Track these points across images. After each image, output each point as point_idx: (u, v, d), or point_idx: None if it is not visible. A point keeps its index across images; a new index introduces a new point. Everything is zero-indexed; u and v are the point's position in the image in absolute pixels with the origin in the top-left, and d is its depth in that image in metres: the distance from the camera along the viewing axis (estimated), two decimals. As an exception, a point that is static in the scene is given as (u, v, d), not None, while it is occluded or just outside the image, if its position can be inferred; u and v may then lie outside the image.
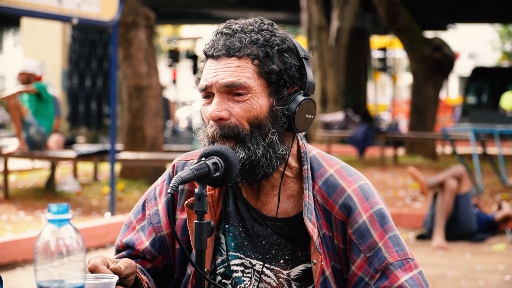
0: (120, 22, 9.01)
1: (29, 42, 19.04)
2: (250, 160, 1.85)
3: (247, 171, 1.86)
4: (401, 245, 1.89)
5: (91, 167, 11.40)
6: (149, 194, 2.07)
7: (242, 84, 1.85)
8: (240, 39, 1.87)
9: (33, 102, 9.33)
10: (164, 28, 37.17)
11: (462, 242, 7.40)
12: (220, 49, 1.87)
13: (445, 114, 27.58)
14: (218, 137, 1.86)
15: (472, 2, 21.86)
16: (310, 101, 1.91)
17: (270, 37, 1.88)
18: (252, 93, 1.85)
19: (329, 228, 1.91)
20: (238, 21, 1.93)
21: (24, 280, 5.73)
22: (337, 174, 1.94)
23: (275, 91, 1.88)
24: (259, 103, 1.86)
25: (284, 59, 1.88)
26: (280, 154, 1.89)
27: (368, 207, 1.89)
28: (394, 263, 1.86)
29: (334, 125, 15.07)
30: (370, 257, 1.87)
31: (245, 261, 1.95)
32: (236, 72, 1.85)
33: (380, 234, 1.88)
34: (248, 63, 1.86)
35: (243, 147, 1.85)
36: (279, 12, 21.79)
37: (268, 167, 1.87)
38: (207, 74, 1.88)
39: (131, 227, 2.06)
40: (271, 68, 1.86)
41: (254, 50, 1.86)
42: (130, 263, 1.81)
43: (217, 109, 1.85)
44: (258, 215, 1.94)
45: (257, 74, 1.86)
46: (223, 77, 1.85)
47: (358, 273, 1.88)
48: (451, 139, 10.89)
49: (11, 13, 7.48)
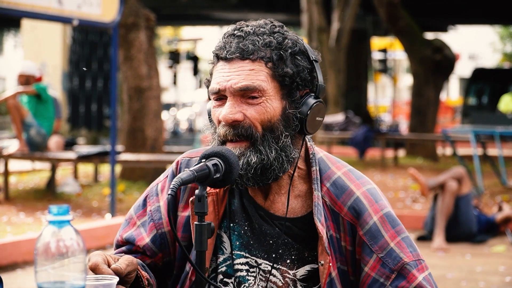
0: (120, 23, 9.01)
1: (29, 44, 19.05)
2: (262, 164, 1.85)
3: (259, 175, 1.86)
4: (414, 246, 1.91)
5: (92, 169, 11.40)
6: (151, 190, 2.06)
7: (256, 87, 1.85)
8: (253, 42, 1.86)
9: (33, 103, 9.33)
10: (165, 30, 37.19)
11: (463, 243, 7.40)
12: (233, 52, 1.86)
13: (446, 116, 27.58)
14: (231, 135, 1.86)
15: (473, 4, 21.86)
16: (321, 103, 1.92)
17: (282, 40, 1.88)
18: (266, 96, 1.86)
19: (337, 229, 1.91)
20: (249, 23, 1.93)
21: (24, 281, 5.73)
22: (345, 177, 1.95)
23: (288, 94, 1.88)
24: (272, 106, 1.86)
25: (297, 62, 1.88)
26: (292, 158, 1.89)
27: (378, 208, 1.90)
28: (410, 263, 1.87)
29: (334, 126, 15.07)
30: (383, 258, 1.87)
31: (250, 260, 1.95)
32: (250, 75, 1.85)
33: (392, 235, 1.89)
34: (262, 66, 1.86)
35: (254, 151, 1.85)
36: (279, 13, 21.78)
37: (280, 170, 1.88)
38: (220, 77, 1.88)
39: (132, 223, 2.05)
40: (285, 71, 1.86)
41: (267, 53, 1.86)
42: (131, 260, 1.80)
43: (231, 112, 1.85)
44: (266, 214, 1.95)
45: (271, 77, 1.86)
46: (237, 81, 1.85)
47: (371, 274, 1.88)
48: (451, 140, 10.89)
49: (12, 15, 7.48)
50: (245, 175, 1.85)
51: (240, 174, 1.85)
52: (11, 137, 12.90)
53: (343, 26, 16.86)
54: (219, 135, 1.88)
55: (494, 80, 22.43)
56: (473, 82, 22.48)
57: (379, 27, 20.91)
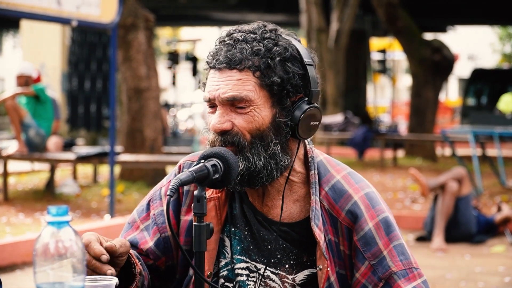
0: (119, 24, 9.01)
1: (28, 44, 19.05)
2: (249, 171, 1.85)
3: (246, 181, 1.87)
4: (406, 254, 1.89)
5: (91, 169, 11.40)
6: (154, 193, 2.05)
7: (243, 97, 1.84)
8: (242, 50, 1.85)
9: (31, 104, 9.33)
10: (164, 30, 37.19)
11: (462, 244, 7.40)
12: (221, 61, 1.86)
13: (445, 116, 27.58)
14: (217, 142, 1.86)
15: (472, 4, 21.87)
16: (315, 108, 1.90)
17: (272, 46, 1.86)
18: (254, 105, 1.85)
19: (335, 233, 1.91)
20: (241, 28, 1.91)
21: (23, 282, 5.73)
22: (344, 181, 1.94)
23: (278, 102, 1.87)
24: (261, 115, 1.85)
25: (287, 68, 1.86)
26: (281, 166, 1.89)
27: (375, 214, 1.89)
28: (398, 272, 1.86)
29: (333, 127, 15.08)
30: (374, 265, 1.87)
31: (250, 265, 1.95)
32: (237, 85, 1.85)
33: (385, 242, 1.88)
34: (249, 76, 1.85)
35: (242, 157, 1.85)
36: (278, 14, 21.79)
37: (268, 178, 1.88)
38: (210, 86, 1.88)
39: (135, 226, 2.04)
40: (273, 80, 1.85)
41: (255, 62, 1.85)
42: (124, 242, 1.80)
43: (220, 122, 1.85)
44: (263, 219, 1.94)
45: (259, 86, 1.85)
46: (224, 91, 1.85)
47: (362, 281, 1.88)
48: (450, 141, 10.90)
49: (11, 15, 7.49)
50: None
51: None
52: (10, 138, 12.91)
53: (342, 27, 16.87)
54: (209, 140, 1.89)
55: (493, 81, 22.45)
56: (472, 83, 22.49)
57: (378, 27, 20.93)
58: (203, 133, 1.94)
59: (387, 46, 23.53)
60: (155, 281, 2.02)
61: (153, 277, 2.01)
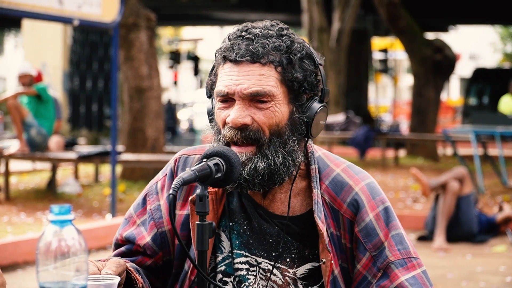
0: (121, 23, 9.01)
1: (30, 44, 19.04)
2: (269, 170, 1.84)
3: (266, 180, 1.86)
4: (404, 244, 1.90)
5: (92, 169, 11.40)
6: (150, 188, 2.05)
7: (266, 92, 1.83)
8: (263, 45, 1.84)
9: (33, 103, 9.34)
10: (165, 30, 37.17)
11: (463, 243, 7.40)
12: (243, 54, 1.84)
13: (446, 116, 27.56)
14: (237, 138, 1.84)
15: (473, 4, 21.85)
16: (325, 107, 1.92)
17: (291, 44, 1.86)
18: (275, 101, 1.84)
19: (337, 227, 1.91)
20: (255, 25, 1.90)
21: (25, 281, 5.73)
22: (344, 173, 1.95)
23: (295, 98, 1.87)
24: (281, 110, 1.85)
25: (304, 66, 1.87)
26: (298, 162, 1.89)
27: (375, 205, 1.90)
28: (395, 262, 1.87)
29: (335, 126, 15.07)
30: (375, 256, 1.88)
31: (251, 259, 1.94)
32: (260, 80, 1.83)
33: (386, 233, 1.89)
34: (271, 71, 1.84)
35: (261, 156, 1.84)
36: (280, 13, 21.76)
37: (286, 175, 1.88)
38: (228, 80, 1.85)
39: (132, 221, 2.04)
40: (295, 76, 1.85)
41: (277, 57, 1.84)
42: (118, 261, 1.79)
43: (241, 116, 1.83)
44: (265, 213, 1.94)
45: (280, 81, 1.85)
46: (247, 86, 1.83)
47: (362, 272, 1.89)
48: (452, 140, 10.89)
49: (12, 15, 7.48)
50: (251, 180, 1.85)
51: (247, 179, 1.84)
52: (11, 137, 12.91)
53: (343, 26, 16.85)
54: (225, 136, 1.86)
55: (495, 80, 22.41)
56: (474, 82, 22.46)
57: (380, 27, 20.91)
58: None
59: (389, 45, 23.52)
60: (155, 284, 2.02)
61: (153, 281, 2.01)
